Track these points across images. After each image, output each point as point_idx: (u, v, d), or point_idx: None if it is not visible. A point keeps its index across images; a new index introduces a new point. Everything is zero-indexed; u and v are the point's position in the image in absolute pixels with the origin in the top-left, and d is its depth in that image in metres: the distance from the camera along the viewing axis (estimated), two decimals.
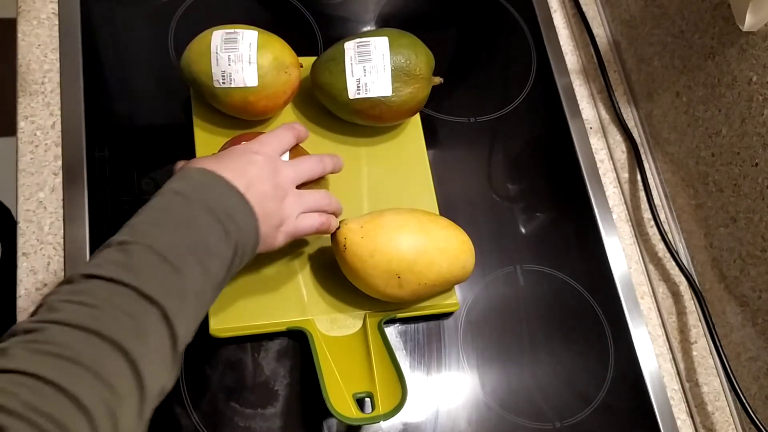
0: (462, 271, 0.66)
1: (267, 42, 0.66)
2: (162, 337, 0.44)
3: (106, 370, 0.41)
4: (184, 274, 0.46)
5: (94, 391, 0.40)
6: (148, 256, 0.46)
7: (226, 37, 0.65)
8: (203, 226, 0.49)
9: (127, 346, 0.42)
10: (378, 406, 0.61)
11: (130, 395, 0.41)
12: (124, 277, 0.44)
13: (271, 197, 0.55)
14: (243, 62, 0.64)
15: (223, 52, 0.64)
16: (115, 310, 0.43)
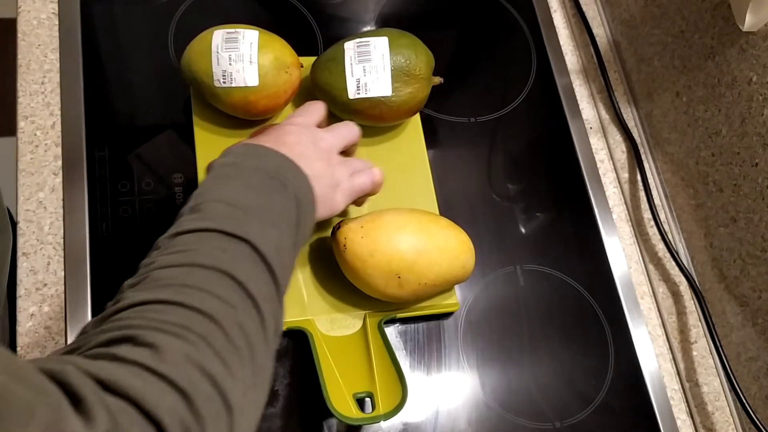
0: (462, 271, 0.66)
1: (268, 42, 0.66)
2: (258, 267, 0.44)
3: (217, 287, 0.41)
4: (257, 216, 0.47)
5: (212, 303, 0.40)
6: (222, 206, 0.46)
7: (227, 37, 0.65)
8: (261, 184, 0.49)
9: (230, 271, 0.42)
10: (378, 406, 0.61)
11: (246, 309, 0.42)
12: (207, 225, 0.45)
13: (316, 159, 0.55)
14: (244, 62, 0.64)
15: (224, 52, 0.64)
16: (207, 248, 0.43)
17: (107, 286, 0.64)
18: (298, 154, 0.53)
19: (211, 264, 0.42)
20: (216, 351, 0.38)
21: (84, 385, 0.32)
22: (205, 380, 0.37)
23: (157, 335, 0.37)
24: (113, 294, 0.64)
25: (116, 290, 0.64)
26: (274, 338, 0.44)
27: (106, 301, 0.64)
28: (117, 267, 0.65)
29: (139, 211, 0.67)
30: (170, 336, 0.37)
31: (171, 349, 0.36)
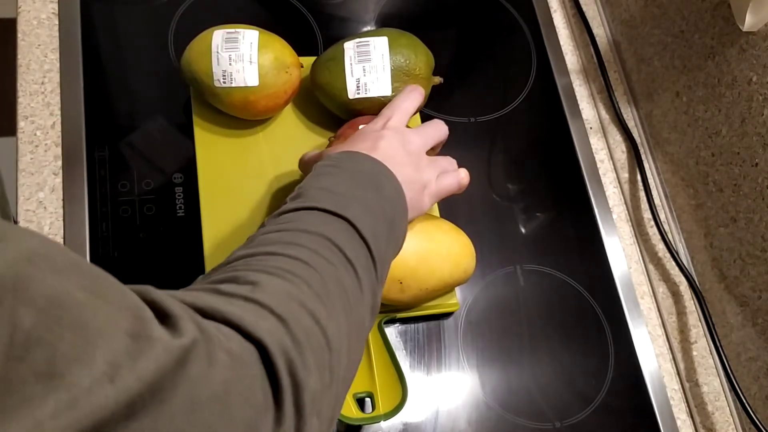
0: (463, 275, 0.66)
1: (268, 42, 0.66)
2: (357, 243, 0.46)
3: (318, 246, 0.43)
4: (356, 200, 0.48)
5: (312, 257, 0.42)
6: (323, 192, 0.48)
7: (227, 37, 0.65)
8: (359, 181, 0.50)
9: (332, 238, 0.44)
10: (378, 406, 0.61)
11: (346, 270, 0.43)
12: (309, 204, 0.46)
13: (406, 164, 0.56)
14: (244, 62, 0.64)
15: (224, 52, 0.64)
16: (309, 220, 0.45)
17: None
18: (391, 159, 0.54)
19: (314, 230, 0.44)
20: (316, 293, 0.39)
21: (173, 305, 0.32)
22: (305, 314, 0.37)
23: (260, 275, 0.38)
24: None
25: None
26: (372, 309, 0.45)
27: None
28: (117, 267, 0.65)
29: (139, 211, 0.67)
30: (272, 276, 0.38)
31: (272, 284, 0.37)
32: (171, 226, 0.67)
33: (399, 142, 0.57)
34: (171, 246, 0.66)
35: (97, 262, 0.64)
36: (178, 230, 0.67)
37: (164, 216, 0.67)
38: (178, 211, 0.68)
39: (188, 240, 0.66)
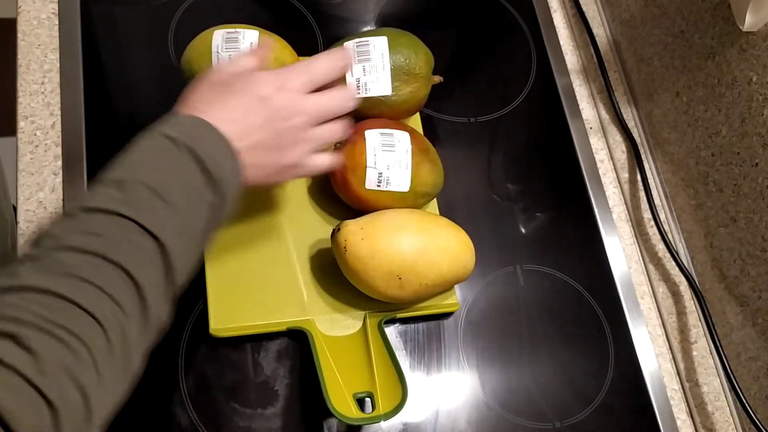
0: (463, 270, 0.66)
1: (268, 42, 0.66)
2: (161, 271, 0.45)
3: (114, 289, 0.42)
4: (178, 213, 0.47)
5: (104, 306, 0.41)
6: (144, 192, 0.46)
7: (227, 37, 0.65)
8: (191, 170, 0.48)
9: (132, 271, 0.43)
10: (378, 406, 0.61)
11: (135, 316, 0.43)
12: (124, 211, 0.44)
13: (270, 147, 0.54)
14: None
15: (224, 52, 0.64)
16: (119, 239, 0.44)
17: None
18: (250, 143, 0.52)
19: (115, 260, 0.42)
20: (94, 360, 0.39)
21: None
22: (76, 392, 0.38)
23: (40, 338, 0.38)
24: None
25: None
26: (152, 340, 0.46)
27: None
28: None
29: None
30: (53, 340, 0.38)
31: (50, 357, 0.38)
32: None
33: (280, 117, 0.54)
34: None
35: None
36: None
37: None
38: None
39: None
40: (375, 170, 0.65)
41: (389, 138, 0.66)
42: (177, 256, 0.45)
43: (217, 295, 0.64)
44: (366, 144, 0.65)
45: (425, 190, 0.68)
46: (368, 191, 0.65)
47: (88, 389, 0.39)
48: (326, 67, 0.59)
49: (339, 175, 0.66)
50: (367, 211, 0.66)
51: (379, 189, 0.65)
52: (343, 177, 0.66)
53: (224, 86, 0.54)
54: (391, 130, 0.67)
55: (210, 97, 0.53)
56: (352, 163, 0.65)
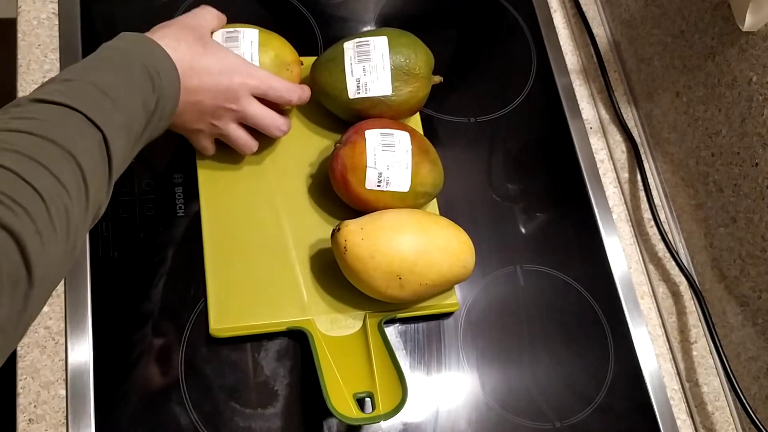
0: (463, 270, 0.66)
1: (268, 40, 0.66)
2: (103, 161, 0.47)
3: (58, 168, 0.43)
4: (122, 111, 0.49)
5: (48, 182, 0.42)
6: (91, 89, 0.48)
7: (226, 36, 0.65)
8: (139, 77, 0.51)
9: (76, 156, 0.44)
10: (378, 406, 0.61)
11: (79, 199, 0.44)
12: (71, 102, 0.46)
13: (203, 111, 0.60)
14: (244, 59, 0.64)
15: None
16: (65, 126, 0.45)
17: (107, 286, 0.64)
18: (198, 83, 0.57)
19: (62, 144, 0.44)
20: (37, 229, 0.40)
21: None
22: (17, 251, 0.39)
23: None
24: (113, 294, 0.64)
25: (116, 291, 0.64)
26: (93, 222, 0.47)
27: (106, 301, 0.64)
28: (117, 267, 0.65)
29: (139, 211, 0.67)
30: None
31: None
32: (171, 226, 0.67)
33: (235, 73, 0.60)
34: (171, 246, 0.66)
35: (97, 262, 0.64)
36: (178, 230, 0.67)
37: (164, 216, 0.67)
38: (178, 211, 0.68)
39: (188, 240, 0.66)
40: (375, 170, 0.65)
41: (389, 138, 0.66)
42: (117, 151, 0.48)
43: (217, 295, 0.64)
44: (366, 144, 0.65)
45: (425, 190, 0.68)
46: (368, 191, 0.65)
47: (29, 252, 0.39)
48: (282, 91, 0.64)
49: (339, 175, 0.66)
50: (367, 211, 0.66)
51: (379, 189, 0.65)
52: (343, 177, 0.66)
53: (202, 41, 0.60)
54: (391, 130, 0.67)
55: (178, 33, 0.58)
56: (352, 163, 0.65)
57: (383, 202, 0.66)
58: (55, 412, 0.60)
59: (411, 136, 0.67)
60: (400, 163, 0.65)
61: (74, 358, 0.61)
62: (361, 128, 0.66)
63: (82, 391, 0.60)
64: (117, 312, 0.63)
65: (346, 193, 0.67)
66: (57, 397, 0.60)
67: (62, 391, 0.61)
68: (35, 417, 0.59)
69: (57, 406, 0.60)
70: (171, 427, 0.61)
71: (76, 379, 0.61)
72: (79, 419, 0.59)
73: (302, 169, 0.71)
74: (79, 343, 0.62)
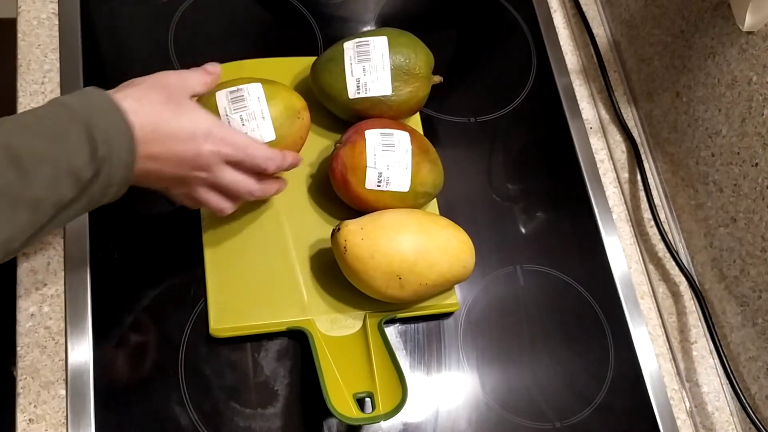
0: (463, 270, 0.66)
1: (275, 92, 0.63)
2: None
3: None
4: (33, 182, 0.46)
5: None
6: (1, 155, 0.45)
7: (231, 97, 0.61)
8: (72, 142, 0.47)
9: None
10: (378, 406, 0.61)
11: None
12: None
13: (166, 179, 0.54)
14: (257, 119, 0.61)
15: (234, 113, 0.61)
16: None
17: (107, 286, 0.64)
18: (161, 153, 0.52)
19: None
20: None
21: None
22: None
23: None
24: (113, 294, 0.64)
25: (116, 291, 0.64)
26: None
27: (106, 301, 0.64)
28: (117, 267, 0.65)
29: (139, 211, 0.67)
30: None
31: None
32: (171, 226, 0.67)
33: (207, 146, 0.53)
34: (171, 246, 0.66)
35: (97, 262, 0.64)
36: (178, 230, 0.67)
37: (164, 216, 0.67)
38: (178, 211, 0.68)
39: (188, 240, 0.66)
40: (375, 170, 0.65)
41: (389, 138, 0.66)
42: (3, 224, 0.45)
43: (217, 295, 0.64)
44: (366, 144, 0.65)
45: (425, 190, 0.68)
46: (368, 191, 0.65)
47: None
48: (260, 160, 0.58)
49: (339, 175, 0.66)
50: (367, 211, 0.66)
51: (379, 189, 0.65)
52: (343, 177, 0.66)
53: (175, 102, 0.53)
54: (391, 130, 0.67)
55: (144, 93, 0.52)
56: (352, 163, 0.65)
57: (383, 202, 0.66)
58: (55, 412, 0.60)
59: (411, 136, 0.67)
60: (400, 163, 0.65)
61: (74, 358, 0.61)
62: (361, 128, 0.66)
63: (82, 391, 0.60)
64: (117, 312, 0.63)
65: (346, 193, 0.67)
66: (57, 397, 0.60)
67: (62, 391, 0.61)
68: (35, 417, 0.59)
69: (57, 406, 0.60)
70: (171, 427, 0.61)
71: (76, 379, 0.61)
72: (79, 419, 0.59)
73: (302, 169, 0.71)
74: (79, 343, 0.62)
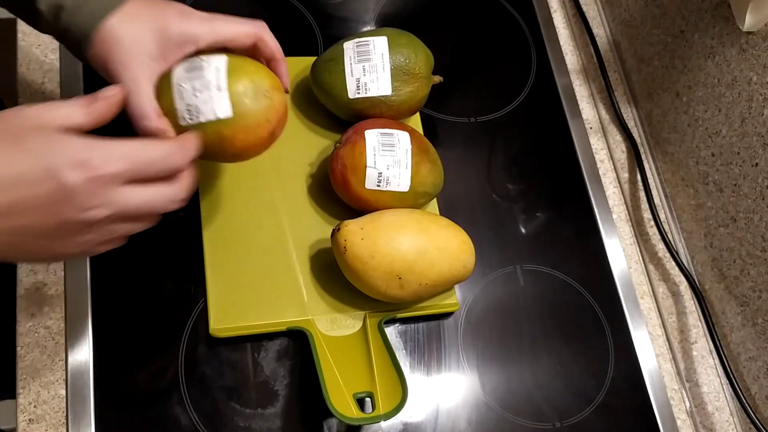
0: (463, 270, 0.66)
1: (240, 66, 0.54)
2: None
3: None
4: None
5: None
6: None
7: (188, 66, 0.53)
8: None
9: None
10: (378, 406, 0.61)
11: None
12: None
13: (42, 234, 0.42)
14: (210, 90, 0.52)
15: (187, 83, 0.52)
16: None
17: (107, 286, 0.64)
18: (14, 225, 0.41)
19: None
20: None
21: None
22: None
23: None
24: (113, 294, 0.64)
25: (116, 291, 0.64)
26: None
27: (106, 301, 0.64)
28: (117, 267, 0.65)
29: None
30: None
31: None
32: (171, 226, 0.67)
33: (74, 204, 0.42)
34: (171, 246, 0.66)
35: (96, 262, 0.64)
36: (178, 230, 0.67)
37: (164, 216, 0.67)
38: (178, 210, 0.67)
39: (188, 240, 0.66)
40: (375, 170, 0.65)
41: (389, 138, 0.66)
42: None
43: (217, 295, 0.64)
44: (366, 144, 0.65)
45: (425, 190, 0.68)
46: (368, 191, 0.65)
47: None
48: (160, 159, 0.46)
49: (339, 175, 0.66)
50: (367, 211, 0.66)
51: (379, 189, 0.65)
52: (343, 177, 0.66)
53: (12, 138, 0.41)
54: (391, 130, 0.67)
55: None
56: (352, 163, 0.65)
57: (383, 202, 0.66)
58: (55, 412, 0.60)
59: (411, 136, 0.67)
60: (399, 162, 0.65)
61: (74, 358, 0.61)
62: (361, 128, 0.66)
63: (82, 391, 0.60)
64: (117, 312, 0.63)
65: (346, 193, 0.67)
66: (57, 397, 0.60)
67: (62, 391, 0.61)
68: (35, 417, 0.59)
69: (57, 406, 0.60)
70: (171, 427, 0.61)
71: (76, 379, 0.61)
72: (79, 419, 0.59)
73: (302, 169, 0.71)
74: (79, 343, 0.62)
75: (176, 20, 0.52)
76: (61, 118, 0.44)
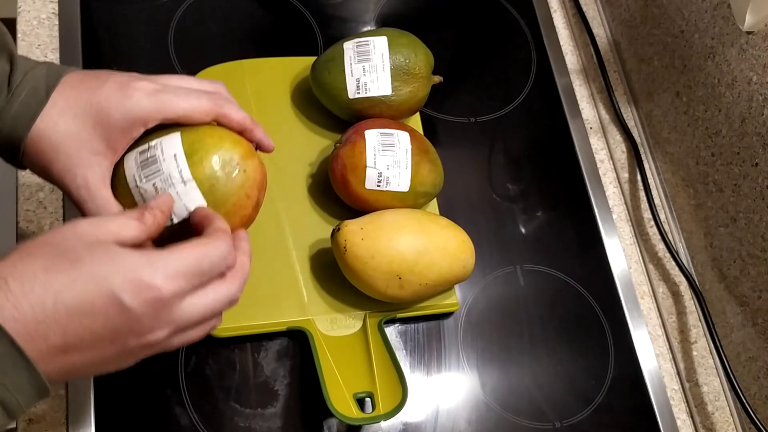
0: (463, 270, 0.66)
1: (199, 140, 0.47)
2: None
3: None
4: None
5: None
6: None
7: (141, 159, 0.47)
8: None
9: None
10: (378, 406, 0.61)
11: None
12: None
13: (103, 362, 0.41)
14: (175, 186, 0.47)
15: (145, 182, 0.47)
16: None
17: None
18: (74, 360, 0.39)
19: None
20: None
21: None
22: None
23: None
24: None
25: None
26: None
27: None
28: None
29: None
30: None
31: None
32: None
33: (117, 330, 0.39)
34: None
35: None
36: None
37: None
38: None
39: None
40: (375, 170, 0.65)
41: (389, 138, 0.66)
42: None
43: None
44: (366, 144, 0.65)
45: (425, 190, 0.68)
46: (368, 191, 0.65)
47: None
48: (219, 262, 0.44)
49: (339, 175, 0.66)
50: (367, 211, 0.66)
51: (379, 189, 0.65)
52: (343, 177, 0.66)
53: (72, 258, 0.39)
54: (391, 130, 0.67)
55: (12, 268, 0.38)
56: (352, 163, 0.65)
57: (383, 202, 0.66)
58: (55, 412, 0.60)
59: (411, 136, 0.67)
60: (399, 163, 0.65)
61: None
62: (361, 128, 0.66)
63: (82, 391, 0.60)
64: None
65: (345, 193, 0.67)
66: (57, 397, 0.60)
67: (62, 391, 0.61)
68: (35, 417, 0.59)
69: (57, 406, 0.60)
70: (171, 427, 0.61)
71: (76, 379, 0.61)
72: (79, 419, 0.59)
73: (302, 169, 0.71)
74: None
75: (116, 101, 0.46)
76: (115, 232, 0.42)
